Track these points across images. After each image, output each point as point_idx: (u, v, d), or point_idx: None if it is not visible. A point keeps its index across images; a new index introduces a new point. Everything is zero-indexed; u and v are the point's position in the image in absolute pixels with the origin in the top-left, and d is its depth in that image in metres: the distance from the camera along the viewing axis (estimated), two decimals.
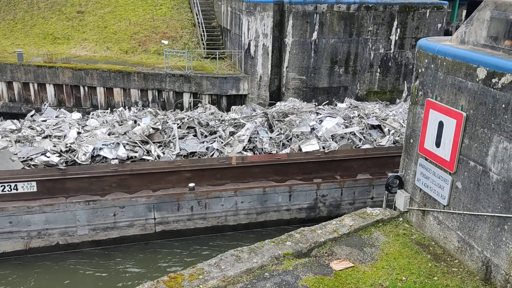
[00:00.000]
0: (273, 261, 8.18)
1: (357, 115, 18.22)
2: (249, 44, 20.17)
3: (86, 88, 21.40)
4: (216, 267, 7.94)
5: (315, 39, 20.17)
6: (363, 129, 17.21)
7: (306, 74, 20.65)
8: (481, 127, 7.60)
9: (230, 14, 22.69)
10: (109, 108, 20.97)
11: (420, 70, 9.16)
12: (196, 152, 15.51)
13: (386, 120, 17.91)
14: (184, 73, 20.52)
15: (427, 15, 21.02)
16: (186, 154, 15.40)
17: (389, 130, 17.13)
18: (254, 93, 20.70)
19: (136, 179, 14.15)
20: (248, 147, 16.03)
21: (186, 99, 20.90)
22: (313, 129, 16.80)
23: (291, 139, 16.31)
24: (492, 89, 7.30)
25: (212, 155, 15.49)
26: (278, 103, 20.12)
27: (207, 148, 15.73)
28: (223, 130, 16.83)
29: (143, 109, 20.13)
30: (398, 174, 10.03)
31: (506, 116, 7.06)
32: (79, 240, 13.83)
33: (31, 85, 21.83)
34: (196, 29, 25.59)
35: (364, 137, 16.56)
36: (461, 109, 7.99)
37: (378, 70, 21.35)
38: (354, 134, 16.62)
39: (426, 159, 9.03)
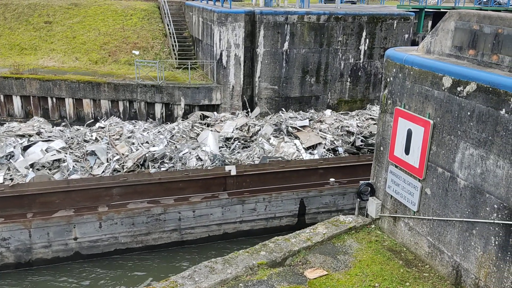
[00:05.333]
0: (247, 272, 8.13)
1: (94, 138, 16.18)
2: (221, 54, 20.20)
3: (54, 100, 20.95)
4: (190, 279, 7.84)
5: (286, 49, 20.38)
6: (82, 155, 14.86)
7: (278, 84, 20.80)
8: (448, 134, 7.79)
9: (202, 25, 22.71)
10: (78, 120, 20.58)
11: (388, 79, 9.35)
12: None
13: (117, 144, 15.61)
14: (156, 83, 20.36)
15: (395, 26, 21.55)
16: None
17: (113, 156, 15.03)
18: (227, 103, 20.70)
19: None
20: None
21: (158, 109, 20.72)
22: (11, 156, 13.96)
23: None
24: (457, 97, 7.51)
25: None
26: (29, 122, 17.43)
27: None
28: None
29: None
30: (370, 181, 10.16)
31: (471, 123, 7.27)
32: None
33: None
34: (168, 39, 25.47)
35: (74, 166, 14.07)
36: (429, 117, 8.18)
37: (349, 79, 21.71)
38: (65, 161, 14.24)
39: (396, 167, 9.19)
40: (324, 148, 16.59)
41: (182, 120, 19.85)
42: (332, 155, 16.43)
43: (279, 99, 21.04)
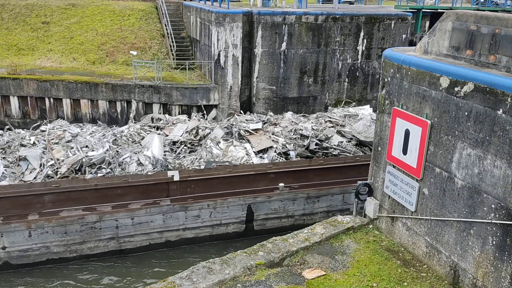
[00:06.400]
0: (245, 272, 8.13)
1: (32, 142, 15.53)
2: (218, 54, 20.19)
3: (51, 100, 20.92)
4: (188, 279, 7.83)
5: (284, 50, 20.38)
6: (15, 160, 14.22)
7: (276, 84, 20.81)
8: (445, 135, 7.80)
9: (200, 25, 22.70)
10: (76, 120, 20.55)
11: (386, 80, 9.36)
12: None
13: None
14: (154, 84, 20.35)
15: (392, 26, 21.58)
16: None
17: (47, 161, 14.35)
18: (224, 103, 20.69)
19: None
20: None
21: (156, 110, 20.70)
22: None
23: None
24: (455, 98, 7.52)
25: None
26: None
27: None
28: None
29: None
30: (367, 181, 10.17)
31: (469, 124, 7.28)
32: None
33: None
34: (165, 39, 25.46)
35: (4, 172, 13.41)
36: (426, 117, 8.19)
37: (346, 80, 21.73)
38: None
39: (394, 167, 9.20)
40: (275, 152, 16.05)
41: (134, 122, 19.26)
42: (284, 159, 15.93)
43: (277, 100, 21.04)
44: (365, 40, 21.36)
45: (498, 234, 6.90)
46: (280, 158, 15.91)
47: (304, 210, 14.40)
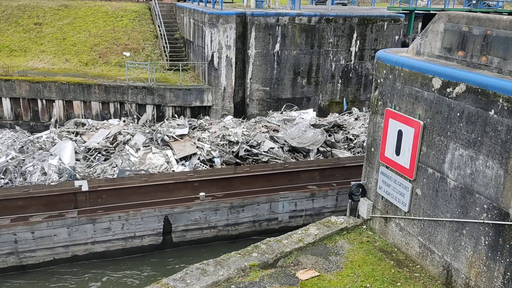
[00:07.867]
0: (239, 273, 8.12)
1: None
2: (212, 55, 20.18)
3: (44, 101, 20.79)
4: (182, 281, 7.81)
5: (277, 51, 20.41)
6: None
7: (270, 85, 20.82)
8: (437, 135, 7.84)
9: (193, 26, 22.68)
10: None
11: (379, 81, 9.40)
12: None
13: None
14: (147, 85, 20.29)
15: (385, 27, 21.68)
16: None
17: None
18: (218, 104, 20.67)
19: None
20: None
21: (150, 111, 20.64)
22: None
23: None
24: (447, 98, 7.56)
25: None
26: None
27: None
28: None
29: None
30: (361, 182, 10.20)
31: (461, 124, 7.33)
32: None
33: None
34: (159, 40, 25.41)
35: None
36: (419, 118, 8.23)
37: (340, 81, 21.78)
38: None
39: (387, 167, 9.23)
40: (198, 159, 15.15)
41: (58, 127, 18.32)
42: (208, 166, 15.04)
43: (270, 101, 21.05)
44: (358, 41, 21.44)
45: (491, 234, 6.95)
46: (204, 166, 15.06)
47: (228, 220, 13.67)
